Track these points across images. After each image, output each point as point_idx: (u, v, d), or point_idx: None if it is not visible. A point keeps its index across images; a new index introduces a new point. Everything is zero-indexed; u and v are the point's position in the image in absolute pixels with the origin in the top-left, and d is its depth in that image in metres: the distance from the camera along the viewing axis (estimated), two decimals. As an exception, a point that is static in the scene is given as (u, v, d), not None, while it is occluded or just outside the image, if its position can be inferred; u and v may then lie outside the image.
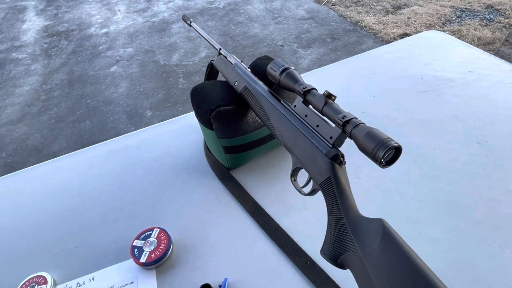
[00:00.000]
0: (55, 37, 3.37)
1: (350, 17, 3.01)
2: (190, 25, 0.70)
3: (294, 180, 0.50)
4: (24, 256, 0.58)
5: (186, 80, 2.49)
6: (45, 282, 0.51)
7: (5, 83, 2.76)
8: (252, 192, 0.62)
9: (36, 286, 0.51)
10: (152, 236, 0.55)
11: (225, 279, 0.49)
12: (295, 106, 0.49)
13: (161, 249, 0.53)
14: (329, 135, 0.43)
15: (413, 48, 0.97)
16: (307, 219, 0.56)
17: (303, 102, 0.47)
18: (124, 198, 0.65)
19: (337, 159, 0.42)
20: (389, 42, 2.60)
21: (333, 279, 0.48)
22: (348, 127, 0.40)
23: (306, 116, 0.47)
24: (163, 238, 0.54)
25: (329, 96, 0.43)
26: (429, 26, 2.74)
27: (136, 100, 2.36)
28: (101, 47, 3.07)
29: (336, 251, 0.39)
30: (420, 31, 2.68)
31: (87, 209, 0.64)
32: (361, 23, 2.89)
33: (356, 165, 0.64)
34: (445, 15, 2.85)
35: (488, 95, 0.76)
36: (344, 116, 0.40)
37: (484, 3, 2.94)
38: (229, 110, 0.57)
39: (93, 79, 2.65)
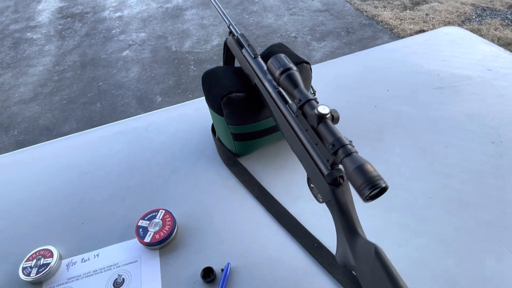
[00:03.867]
0: (69, 18, 3.39)
1: (366, 11, 2.94)
2: None
3: (312, 186, 0.48)
4: (32, 229, 0.59)
5: (197, 67, 2.49)
6: (51, 256, 0.52)
7: (19, 62, 2.79)
8: (259, 180, 0.62)
9: (42, 258, 0.52)
10: (157, 217, 0.55)
11: (228, 264, 0.49)
12: (297, 116, 0.46)
13: (165, 230, 0.53)
14: (326, 158, 0.41)
15: (431, 43, 0.94)
16: (314, 210, 0.55)
17: (302, 114, 0.45)
18: (131, 178, 0.65)
19: (337, 182, 0.41)
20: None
21: (338, 266, 0.48)
22: (339, 154, 0.38)
23: (307, 130, 0.45)
24: (168, 219, 0.55)
25: (321, 116, 0.41)
26: (447, 24, 2.67)
27: (147, 85, 2.36)
28: (114, 31, 3.07)
29: (344, 260, 0.42)
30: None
31: (94, 188, 0.65)
32: (378, 17, 2.83)
33: (366, 159, 0.63)
34: (465, 13, 2.77)
35: (506, 95, 0.74)
36: (333, 145, 0.39)
37: (506, 2, 2.85)
38: (240, 97, 0.56)
39: (105, 62, 2.66)
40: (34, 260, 0.52)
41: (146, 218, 0.55)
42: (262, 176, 0.62)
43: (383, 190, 0.35)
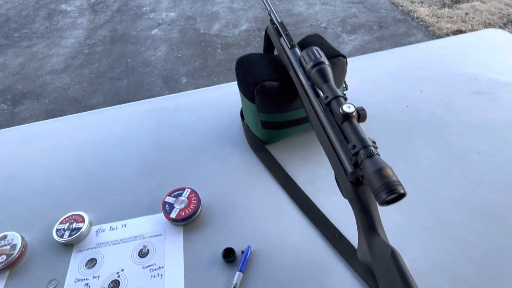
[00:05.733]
0: (102, -7, 3.43)
1: (402, 6, 2.84)
2: None
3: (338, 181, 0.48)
4: (65, 194, 0.62)
5: (224, 51, 2.49)
6: (83, 221, 0.55)
7: (53, 33, 2.88)
8: (283, 167, 0.62)
9: (75, 223, 0.55)
10: (183, 195, 0.57)
11: (249, 246, 0.51)
12: (325, 111, 0.46)
13: (190, 208, 0.55)
14: (349, 156, 0.41)
15: (471, 45, 0.90)
16: (335, 203, 0.56)
17: (329, 110, 0.45)
18: (159, 156, 0.68)
19: (359, 181, 0.41)
20: (441, 38, 2.45)
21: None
22: (360, 155, 0.38)
23: (333, 127, 0.44)
24: (193, 198, 0.57)
25: (346, 115, 0.40)
26: (488, 26, 2.54)
27: (173, 66, 2.39)
28: (144, 9, 3.10)
29: (364, 257, 0.42)
30: (477, 30, 2.49)
31: (124, 161, 0.67)
32: (413, 13, 2.73)
33: (393, 159, 0.62)
34: (509, 15, 2.62)
35: (548, 106, 0.71)
36: (355, 145, 0.38)
37: (555, 6, 2.67)
38: (274, 86, 0.57)
39: (134, 39, 2.70)
40: (67, 224, 0.55)
41: (172, 195, 0.57)
42: (286, 165, 0.63)
43: (401, 196, 0.35)
